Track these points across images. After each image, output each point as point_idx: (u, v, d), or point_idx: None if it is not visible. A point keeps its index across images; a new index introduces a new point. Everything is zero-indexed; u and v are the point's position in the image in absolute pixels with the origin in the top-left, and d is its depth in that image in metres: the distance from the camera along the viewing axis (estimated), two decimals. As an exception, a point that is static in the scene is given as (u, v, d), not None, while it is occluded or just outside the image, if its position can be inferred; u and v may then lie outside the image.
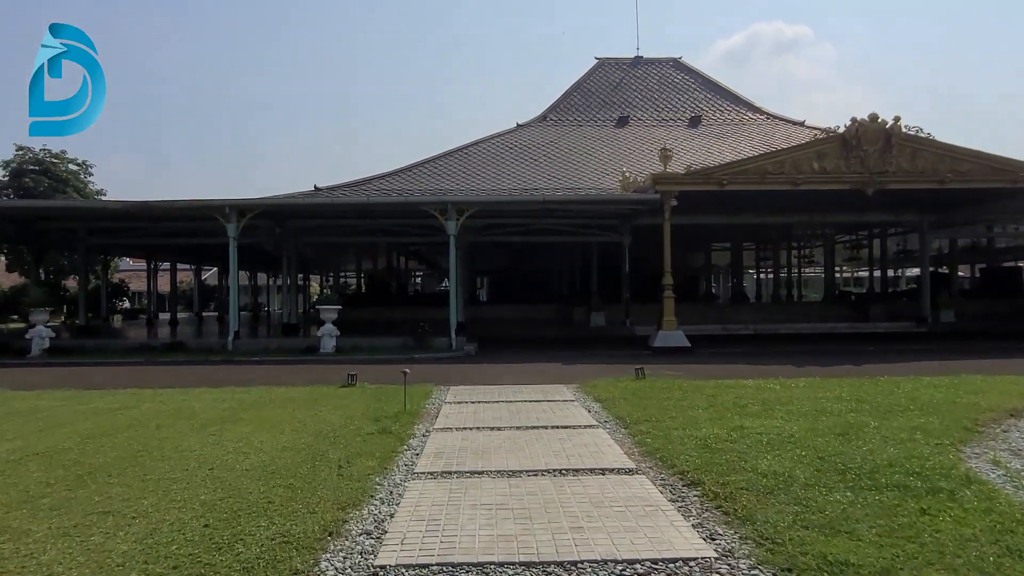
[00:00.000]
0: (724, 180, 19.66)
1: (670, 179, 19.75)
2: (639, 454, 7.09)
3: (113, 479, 6.35)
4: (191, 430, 8.55)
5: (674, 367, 15.09)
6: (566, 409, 9.87)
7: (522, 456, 7.06)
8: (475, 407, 10.19)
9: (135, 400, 11.01)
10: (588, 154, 31.99)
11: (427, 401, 10.75)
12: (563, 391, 11.71)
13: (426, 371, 15.37)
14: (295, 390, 12.01)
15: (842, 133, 19.65)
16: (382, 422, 8.84)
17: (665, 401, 9.98)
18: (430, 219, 21.31)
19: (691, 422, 8.34)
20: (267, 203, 19.95)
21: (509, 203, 20.86)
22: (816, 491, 5.44)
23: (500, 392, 11.67)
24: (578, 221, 25.15)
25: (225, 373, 15.32)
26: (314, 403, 10.52)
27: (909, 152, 19.78)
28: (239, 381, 13.54)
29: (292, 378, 14.09)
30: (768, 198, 23.51)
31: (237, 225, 19.97)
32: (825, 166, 19.83)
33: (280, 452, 7.28)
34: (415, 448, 7.57)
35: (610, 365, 16.02)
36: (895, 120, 19.62)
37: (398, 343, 19.94)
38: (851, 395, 10.02)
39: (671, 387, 11.39)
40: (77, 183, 42.04)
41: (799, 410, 8.90)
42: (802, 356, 17.40)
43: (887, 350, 19.00)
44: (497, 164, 31.17)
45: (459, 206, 19.96)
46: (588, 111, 37.01)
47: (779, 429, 7.76)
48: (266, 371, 15.70)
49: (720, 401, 9.80)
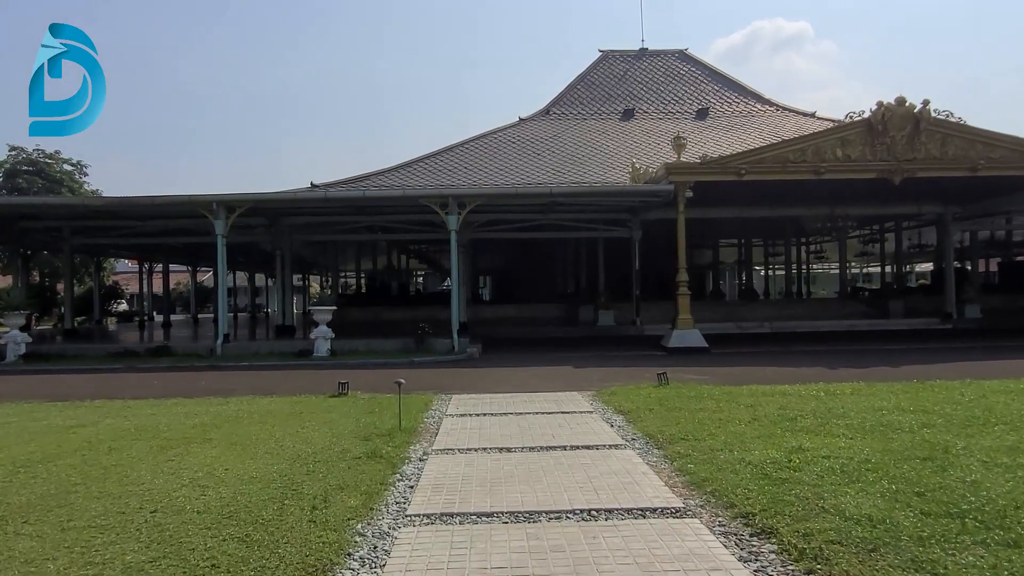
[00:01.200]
0: (742, 170, 18.28)
1: (685, 169, 18.37)
2: (683, 485, 5.72)
3: (28, 527, 4.99)
4: (148, 454, 7.19)
5: (695, 370, 13.72)
6: (585, 423, 8.50)
7: (540, 489, 5.69)
8: (480, 420, 8.82)
9: (96, 415, 9.65)
10: (593, 148, 30.65)
11: (426, 413, 9.39)
12: (578, 400, 10.34)
13: (426, 376, 14.01)
14: (279, 401, 10.65)
15: (867, 118, 18.25)
16: (372, 442, 7.48)
17: (698, 413, 8.61)
18: (430, 215, 19.96)
19: (737, 441, 6.97)
20: (257, 198, 18.62)
21: (514, 196, 19.50)
22: (936, 548, 4.06)
23: (508, 401, 10.30)
24: (585, 216, 23.77)
25: (209, 380, 13.96)
26: (298, 417, 9.16)
27: (939, 138, 18.39)
28: (221, 390, 12.19)
29: (279, 386, 12.74)
30: (785, 189, 22.14)
31: (226, 222, 18.62)
32: (849, 153, 18.43)
33: (246, 485, 5.92)
34: (409, 477, 6.21)
35: (625, 368, 14.66)
36: (924, 104, 18.22)
37: (397, 345, 18.59)
38: (912, 404, 8.64)
39: (701, 395, 10.01)
40: (72, 183, 40.77)
41: (860, 425, 7.52)
42: (831, 356, 16.03)
43: (919, 348, 17.62)
44: (499, 159, 29.81)
45: (461, 199, 18.60)
46: (592, 104, 35.64)
47: (847, 451, 6.38)
48: (253, 378, 14.35)
49: (763, 413, 8.42)
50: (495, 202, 20.06)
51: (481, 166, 28.80)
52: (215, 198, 18.39)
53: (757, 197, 23.70)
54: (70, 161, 41.55)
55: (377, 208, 21.88)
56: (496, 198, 19.67)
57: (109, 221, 22.55)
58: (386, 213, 22.71)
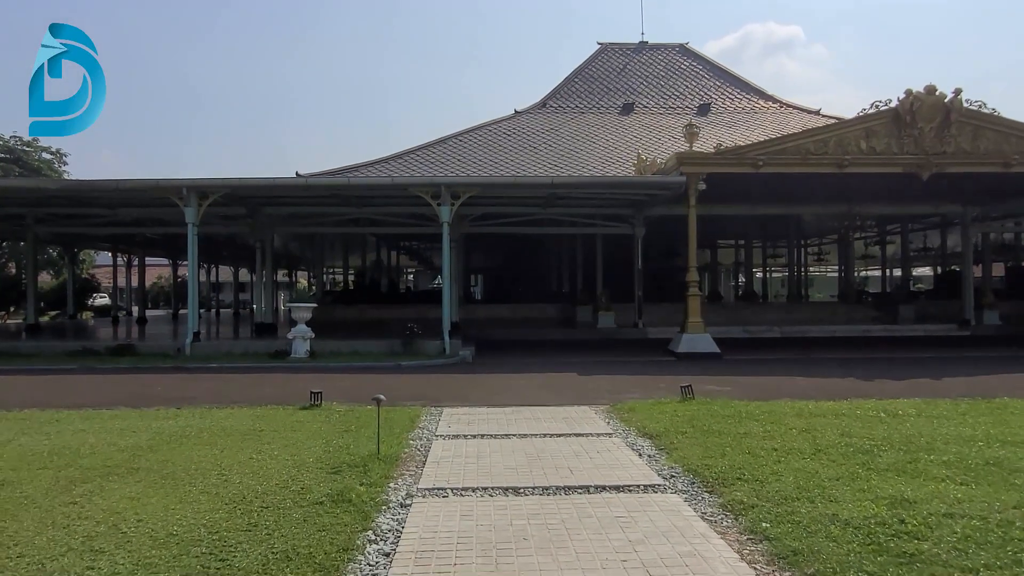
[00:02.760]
0: (760, 161, 16.65)
1: (698, 159, 16.73)
2: (767, 561, 4.05)
3: None
4: (49, 491, 5.47)
5: (713, 379, 12.10)
6: (607, 449, 6.84)
7: (565, 563, 4.00)
8: (478, 445, 7.14)
9: (13, 430, 7.89)
10: (592, 141, 28.99)
11: (412, 433, 7.70)
12: (592, 417, 8.68)
13: (414, 383, 12.30)
14: (240, 414, 8.92)
15: (895, 107, 16.66)
16: (342, 477, 5.79)
17: (744, 439, 6.96)
18: (421, 207, 18.27)
19: (812, 484, 5.31)
20: (231, 183, 16.83)
21: (512, 186, 17.81)
22: None
23: (509, 418, 8.62)
24: (585, 211, 22.13)
25: (167, 385, 12.20)
26: (256, 437, 7.44)
27: (970, 130, 16.83)
28: (177, 398, 10.45)
29: (246, 393, 11.00)
30: (794, 186, 20.58)
31: (198, 210, 16.82)
32: (874, 146, 16.84)
33: (154, 551, 4.22)
34: (385, 536, 4.52)
35: (635, 377, 13.01)
36: (955, 93, 16.66)
37: (383, 347, 16.85)
38: (1005, 432, 7.03)
39: (737, 413, 8.36)
40: (50, 172, 38.74)
41: (961, 462, 5.88)
42: (860, 366, 14.46)
43: (949, 358, 16.08)
44: (494, 151, 28.09)
45: (454, 189, 16.88)
46: (591, 98, 33.99)
47: (970, 505, 4.74)
48: (218, 383, 12.58)
49: (825, 441, 6.78)
50: (491, 193, 18.36)
51: (474, 158, 27.07)
52: (185, 183, 16.60)
53: (766, 194, 22.15)
54: (49, 149, 39.48)
55: (364, 199, 20.13)
56: (492, 189, 17.96)
57: (77, 208, 20.69)
58: (374, 205, 20.97)
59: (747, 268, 37.74)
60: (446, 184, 16.91)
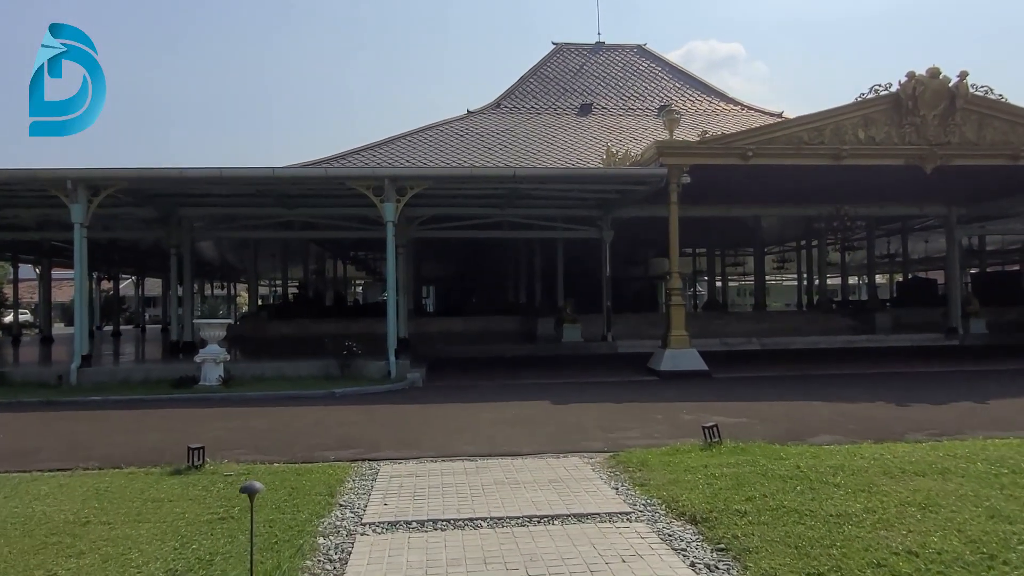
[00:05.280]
0: (749, 151, 14.32)
1: (680, 149, 14.32)
2: None
3: None
4: None
5: (718, 407, 9.64)
6: (635, 554, 4.15)
7: None
8: (427, 546, 4.38)
9: None
10: (550, 142, 26.50)
11: (326, 520, 4.91)
12: (590, 477, 6.00)
13: (347, 420, 9.43)
14: (75, 485, 5.95)
15: (895, 92, 14.55)
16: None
17: (844, 525, 4.39)
18: (364, 207, 15.43)
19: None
20: (129, 175, 13.64)
21: (468, 178, 15.01)
22: None
23: (473, 481, 5.88)
24: (548, 211, 19.54)
25: (17, 430, 9.02)
26: (72, 539, 4.54)
27: (976, 119, 14.85)
28: (10, 453, 7.38)
29: (116, 443, 7.99)
30: (772, 185, 18.44)
31: (87, 207, 13.61)
32: (873, 135, 14.71)
33: None
34: None
35: (621, 406, 10.41)
36: (961, 76, 14.67)
37: (317, 370, 13.86)
38: None
39: (797, 472, 5.76)
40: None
41: None
42: (873, 385, 12.20)
43: (965, 372, 14.01)
44: (445, 152, 25.32)
45: (399, 183, 14.06)
46: (547, 98, 31.57)
47: None
48: (90, 424, 9.47)
49: (974, 530, 4.23)
50: (443, 188, 15.59)
51: (424, 160, 24.22)
52: (71, 174, 13.37)
53: (740, 194, 20.01)
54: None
55: (297, 198, 17.12)
56: (445, 182, 15.15)
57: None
58: (310, 205, 17.97)
59: (710, 277, 35.72)
60: (390, 176, 14.07)
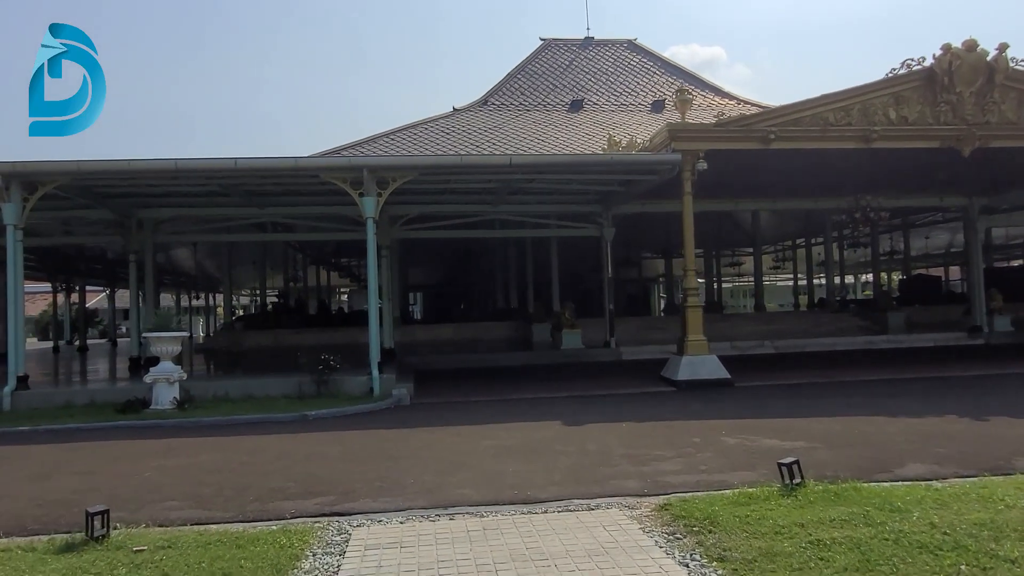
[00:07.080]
0: (771, 134, 12.71)
1: (695, 133, 12.69)
2: None
3: None
4: None
5: (759, 426, 7.95)
6: None
7: None
8: None
9: None
10: (540, 139, 24.86)
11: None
12: (642, 544, 4.26)
13: (318, 453, 7.61)
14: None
15: (930, 67, 13.01)
16: None
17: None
18: (344, 206, 13.73)
19: None
20: (69, 168, 11.75)
21: (459, 167, 13.25)
22: None
23: (482, 552, 4.12)
24: (544, 208, 17.84)
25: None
26: None
27: (1015, 96, 13.33)
28: None
29: (13, 494, 6.19)
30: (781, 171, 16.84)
31: (22, 206, 11.74)
32: (905, 115, 13.14)
33: None
34: None
35: (646, 425, 8.68)
36: (1000, 49, 13.16)
37: (290, 387, 12.03)
38: None
39: (944, 540, 4.05)
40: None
41: None
42: (931, 393, 10.58)
43: (1015, 374, 12.40)
44: (431, 150, 23.60)
45: (380, 174, 12.30)
46: (536, 95, 29.94)
47: None
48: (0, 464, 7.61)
49: None
50: (429, 180, 13.84)
51: (410, 157, 22.52)
52: (2, 168, 11.48)
53: (748, 188, 18.49)
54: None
55: (268, 196, 15.33)
56: (432, 172, 13.37)
57: None
58: (283, 204, 16.17)
59: (708, 277, 34.16)
60: (369, 167, 12.28)
